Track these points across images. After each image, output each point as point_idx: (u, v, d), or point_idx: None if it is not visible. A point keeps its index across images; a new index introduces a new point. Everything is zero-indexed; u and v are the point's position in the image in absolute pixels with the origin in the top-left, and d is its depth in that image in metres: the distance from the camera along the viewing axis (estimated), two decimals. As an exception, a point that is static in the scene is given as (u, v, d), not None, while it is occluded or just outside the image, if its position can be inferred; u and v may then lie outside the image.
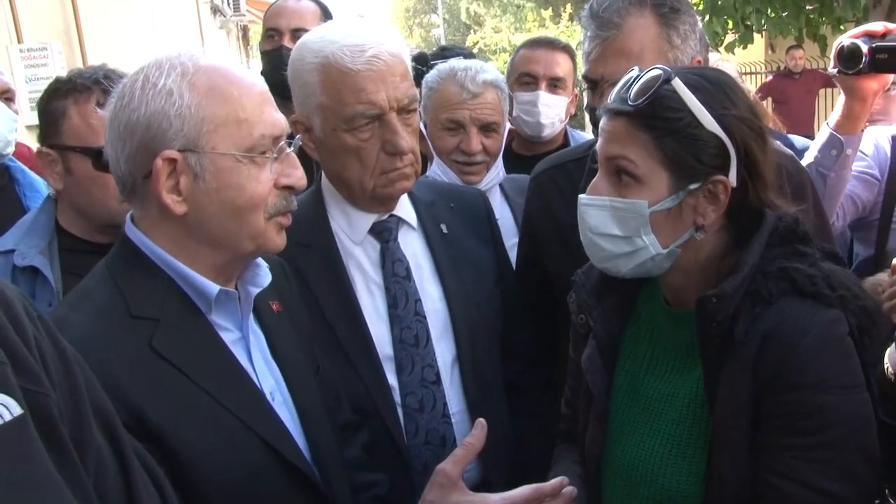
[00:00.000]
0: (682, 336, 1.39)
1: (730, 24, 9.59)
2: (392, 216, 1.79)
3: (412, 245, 1.80)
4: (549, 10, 24.43)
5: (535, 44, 2.99)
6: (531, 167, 2.20)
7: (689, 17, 1.76)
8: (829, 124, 2.32)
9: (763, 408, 1.24)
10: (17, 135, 2.94)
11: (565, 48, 2.95)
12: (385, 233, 1.78)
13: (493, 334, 1.85)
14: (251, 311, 1.42)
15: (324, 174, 1.80)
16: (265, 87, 1.36)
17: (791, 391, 1.21)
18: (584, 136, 3.08)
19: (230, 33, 22.38)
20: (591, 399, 1.49)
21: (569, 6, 21.75)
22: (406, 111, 1.67)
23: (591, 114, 1.81)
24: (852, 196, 2.68)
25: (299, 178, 1.35)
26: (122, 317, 1.25)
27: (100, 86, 1.81)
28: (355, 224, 1.77)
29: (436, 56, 3.06)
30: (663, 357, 1.43)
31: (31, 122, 5.38)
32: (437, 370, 1.74)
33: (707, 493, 1.30)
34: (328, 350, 1.65)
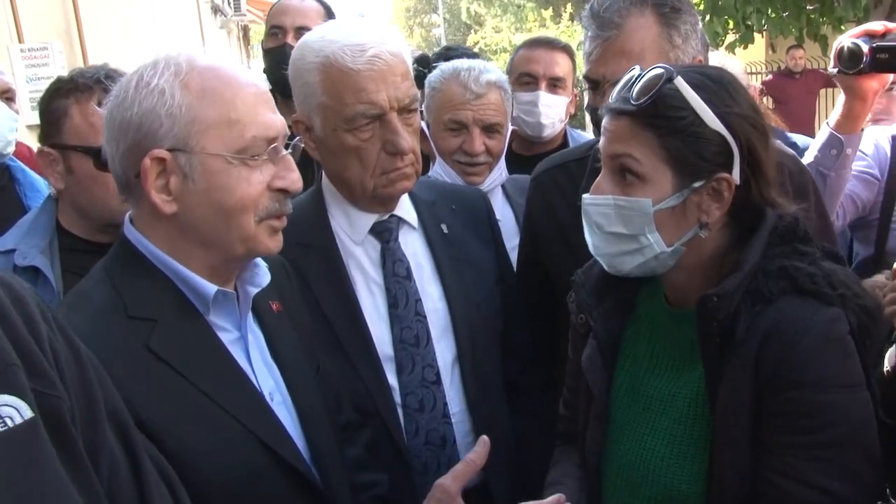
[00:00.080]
0: (682, 335, 1.39)
1: (730, 23, 9.58)
2: (392, 216, 1.79)
3: (413, 245, 1.80)
4: (550, 9, 24.42)
5: (534, 44, 2.98)
6: (531, 167, 2.20)
7: (690, 16, 1.76)
8: (828, 124, 2.33)
9: (764, 407, 1.24)
10: (17, 134, 2.94)
11: (565, 48, 2.95)
12: (385, 233, 1.78)
13: (494, 334, 1.85)
14: (250, 311, 1.42)
15: (324, 174, 1.80)
16: (263, 88, 1.35)
17: (791, 390, 1.21)
18: (583, 136, 3.08)
19: (231, 33, 22.39)
20: (590, 399, 1.49)
21: (569, 6, 21.74)
22: (407, 111, 1.66)
23: (592, 114, 1.81)
24: (852, 195, 2.68)
25: (294, 181, 1.33)
26: (119, 317, 1.25)
27: (101, 85, 1.81)
28: (356, 224, 1.77)
29: (439, 56, 3.06)
30: (663, 356, 1.43)
31: (31, 122, 5.37)
32: (438, 370, 1.74)
33: (708, 493, 1.30)
34: (328, 350, 1.65)
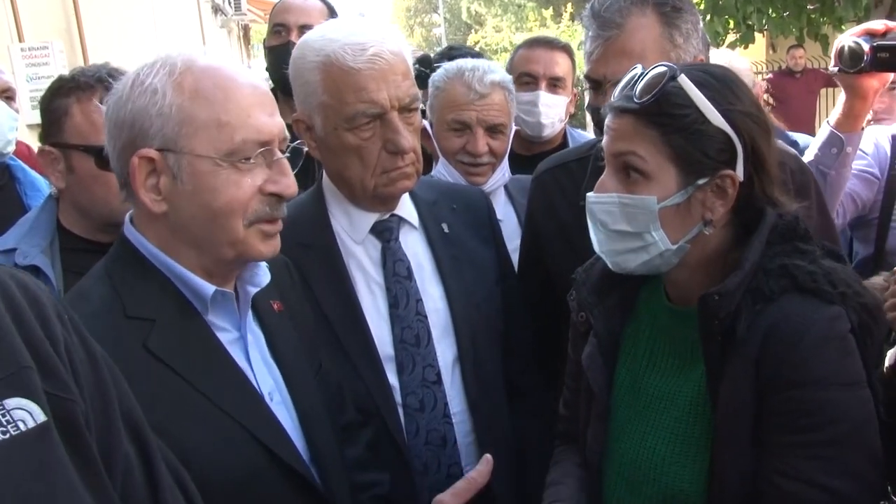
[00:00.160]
0: (683, 334, 1.40)
1: (731, 23, 9.58)
2: (393, 216, 1.79)
3: (413, 244, 1.80)
4: (550, 9, 24.42)
5: (533, 44, 2.98)
6: (531, 167, 2.20)
7: (691, 15, 1.75)
8: (829, 122, 2.33)
9: (765, 406, 1.24)
10: (17, 133, 2.93)
11: (564, 47, 2.94)
12: (386, 232, 1.77)
13: (495, 334, 1.85)
14: (250, 311, 1.42)
15: (325, 173, 1.80)
16: (262, 89, 1.34)
17: (792, 388, 1.21)
18: (583, 136, 3.08)
19: (231, 32, 22.38)
20: (591, 398, 1.49)
21: (570, 5, 21.73)
22: (408, 110, 1.66)
23: (594, 114, 1.80)
24: (852, 194, 2.69)
25: (287, 185, 1.32)
26: (117, 317, 1.25)
27: (103, 84, 1.80)
28: (356, 223, 1.76)
29: (443, 56, 3.05)
30: (664, 355, 1.44)
31: (31, 121, 5.38)
32: (438, 370, 1.73)
33: (709, 492, 1.30)
34: (329, 350, 1.65)
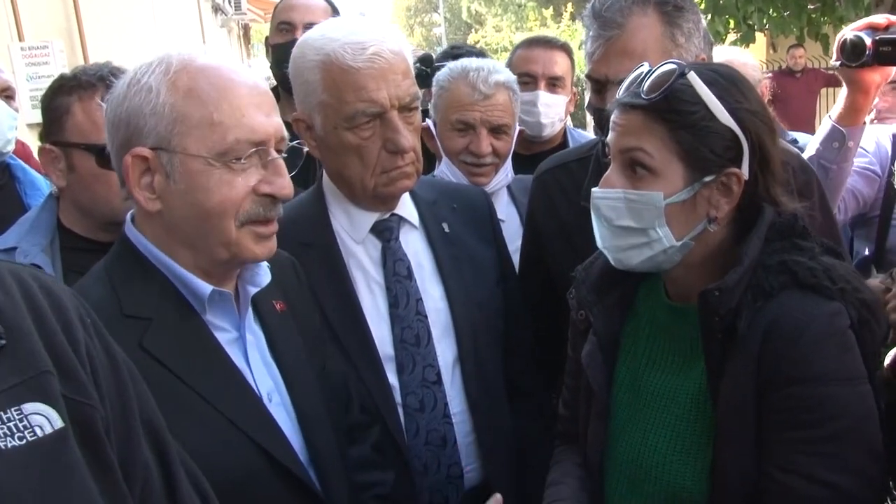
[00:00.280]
0: (683, 331, 1.40)
1: (731, 23, 9.56)
2: (393, 215, 1.78)
3: (414, 244, 1.79)
4: (551, 8, 24.41)
5: (532, 43, 2.97)
6: (531, 166, 2.20)
7: (692, 14, 1.75)
8: (831, 116, 2.32)
9: (765, 403, 1.24)
10: (17, 133, 2.93)
11: (563, 46, 2.94)
12: (386, 232, 1.77)
13: (495, 334, 1.85)
14: (251, 311, 1.41)
15: (325, 173, 1.80)
16: (262, 89, 1.33)
17: (792, 385, 1.22)
18: (584, 136, 3.07)
19: (231, 32, 22.37)
20: (591, 396, 1.49)
21: (570, 5, 21.72)
22: (408, 109, 1.66)
23: (596, 114, 1.80)
24: (853, 191, 2.70)
25: (282, 187, 1.31)
26: (114, 316, 1.24)
27: (104, 82, 1.80)
28: (357, 223, 1.76)
29: (447, 55, 3.05)
30: (663, 353, 1.44)
31: (31, 121, 5.38)
32: (438, 370, 1.73)
33: (711, 489, 1.30)
34: (329, 349, 1.65)
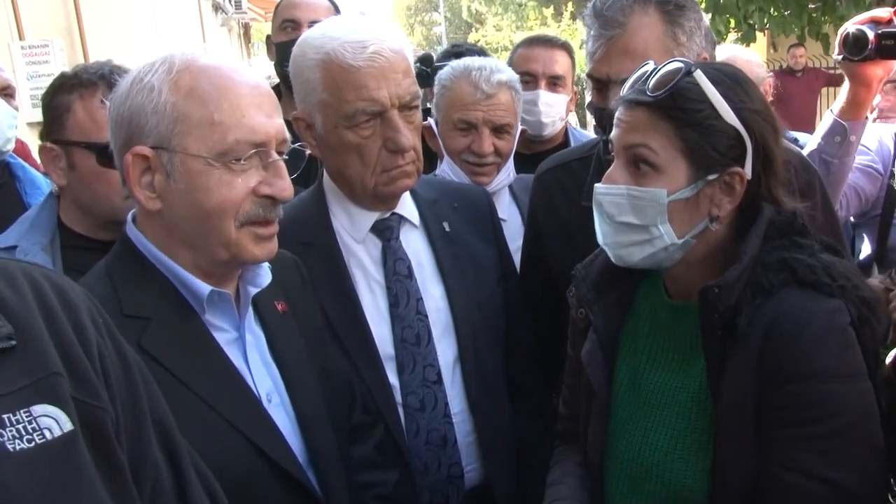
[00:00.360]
0: (683, 329, 1.40)
1: (732, 22, 9.56)
2: (394, 214, 1.78)
3: (414, 243, 1.79)
4: (551, 8, 24.41)
5: (532, 42, 2.97)
6: (532, 165, 2.19)
7: (694, 13, 1.75)
8: (832, 111, 2.32)
9: (766, 400, 1.25)
10: (17, 131, 2.93)
11: (563, 45, 2.94)
12: (387, 231, 1.77)
13: (496, 334, 1.84)
14: (251, 312, 1.41)
15: (325, 172, 1.80)
16: (263, 90, 1.33)
17: (793, 382, 1.22)
18: (585, 135, 3.07)
19: (231, 31, 22.36)
20: (591, 395, 1.49)
21: (570, 4, 21.72)
22: (408, 108, 1.66)
23: (597, 113, 1.80)
24: (856, 188, 2.71)
25: (282, 188, 1.31)
26: (113, 315, 1.23)
27: (105, 81, 1.80)
28: (357, 222, 1.76)
29: (449, 54, 3.04)
30: (663, 351, 1.44)
31: (32, 119, 5.37)
32: (439, 369, 1.73)
33: (712, 487, 1.30)
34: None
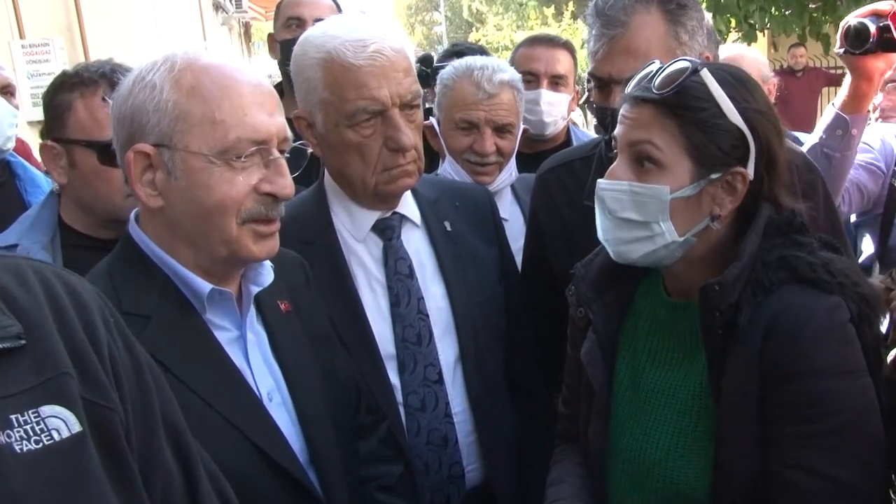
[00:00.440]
0: (683, 327, 1.40)
1: (733, 22, 9.56)
2: (395, 213, 1.78)
3: (415, 243, 1.79)
4: (552, 7, 24.40)
5: (534, 42, 2.97)
6: (534, 165, 2.19)
7: (696, 12, 1.74)
8: (834, 104, 2.32)
9: (767, 397, 1.25)
10: (17, 130, 2.93)
11: (565, 44, 2.93)
12: (388, 230, 1.76)
13: (497, 333, 1.84)
14: (253, 311, 1.41)
15: (326, 171, 1.79)
16: (265, 89, 1.33)
17: (793, 380, 1.22)
18: (587, 134, 3.06)
19: (232, 30, 22.35)
20: (591, 395, 1.49)
21: (571, 4, 21.73)
22: (409, 107, 1.65)
23: (598, 112, 1.79)
24: (858, 184, 2.71)
25: (283, 186, 1.31)
26: None
27: (106, 79, 1.80)
28: (358, 221, 1.75)
29: (450, 53, 3.04)
30: (664, 349, 1.44)
31: (32, 118, 5.37)
32: (440, 369, 1.73)
33: (715, 485, 1.30)
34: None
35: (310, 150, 1.59)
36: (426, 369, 1.71)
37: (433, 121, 2.33)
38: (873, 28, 2.02)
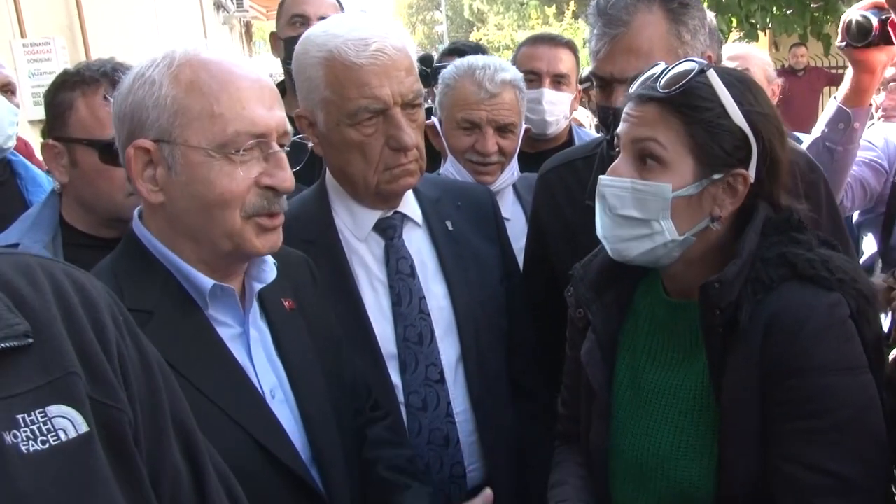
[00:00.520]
0: (682, 326, 1.40)
1: (734, 22, 9.55)
2: (397, 213, 1.77)
3: (417, 242, 1.79)
4: (553, 7, 24.39)
5: (536, 41, 2.97)
6: (536, 164, 2.19)
7: (698, 11, 1.74)
8: (836, 98, 2.32)
9: (768, 395, 1.25)
10: (18, 129, 2.93)
11: (567, 44, 2.93)
12: (389, 230, 1.76)
13: (498, 333, 1.84)
14: (256, 307, 1.41)
15: (328, 170, 1.79)
16: (265, 83, 1.33)
17: (794, 377, 1.23)
18: (589, 134, 3.06)
19: (233, 29, 22.36)
20: (591, 395, 1.49)
21: (572, 3, 21.70)
22: (411, 106, 1.65)
23: (599, 111, 1.79)
24: (861, 181, 2.71)
25: (283, 179, 1.31)
26: None
27: (108, 78, 1.80)
28: (359, 220, 1.75)
29: (451, 52, 3.03)
30: (663, 349, 1.44)
31: (33, 117, 5.37)
32: (441, 369, 1.72)
33: (718, 483, 1.30)
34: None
35: (310, 146, 1.58)
36: (427, 369, 1.71)
37: (435, 120, 2.33)
38: (875, 21, 2.02)
